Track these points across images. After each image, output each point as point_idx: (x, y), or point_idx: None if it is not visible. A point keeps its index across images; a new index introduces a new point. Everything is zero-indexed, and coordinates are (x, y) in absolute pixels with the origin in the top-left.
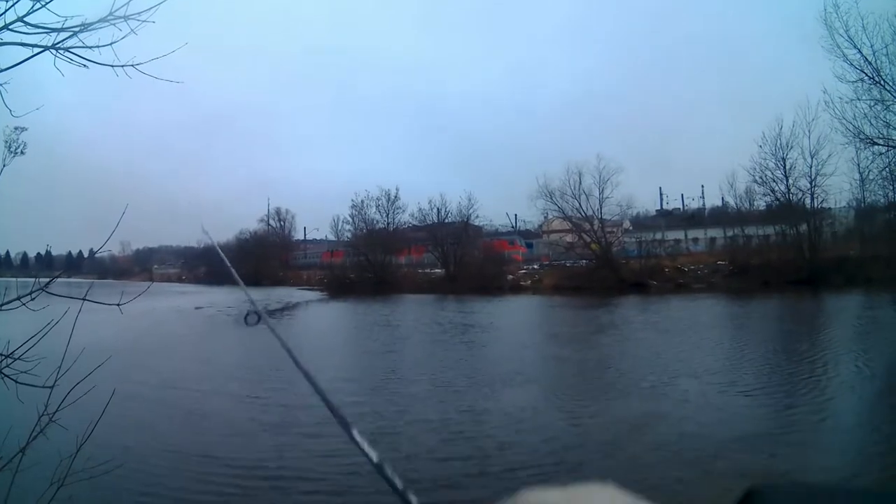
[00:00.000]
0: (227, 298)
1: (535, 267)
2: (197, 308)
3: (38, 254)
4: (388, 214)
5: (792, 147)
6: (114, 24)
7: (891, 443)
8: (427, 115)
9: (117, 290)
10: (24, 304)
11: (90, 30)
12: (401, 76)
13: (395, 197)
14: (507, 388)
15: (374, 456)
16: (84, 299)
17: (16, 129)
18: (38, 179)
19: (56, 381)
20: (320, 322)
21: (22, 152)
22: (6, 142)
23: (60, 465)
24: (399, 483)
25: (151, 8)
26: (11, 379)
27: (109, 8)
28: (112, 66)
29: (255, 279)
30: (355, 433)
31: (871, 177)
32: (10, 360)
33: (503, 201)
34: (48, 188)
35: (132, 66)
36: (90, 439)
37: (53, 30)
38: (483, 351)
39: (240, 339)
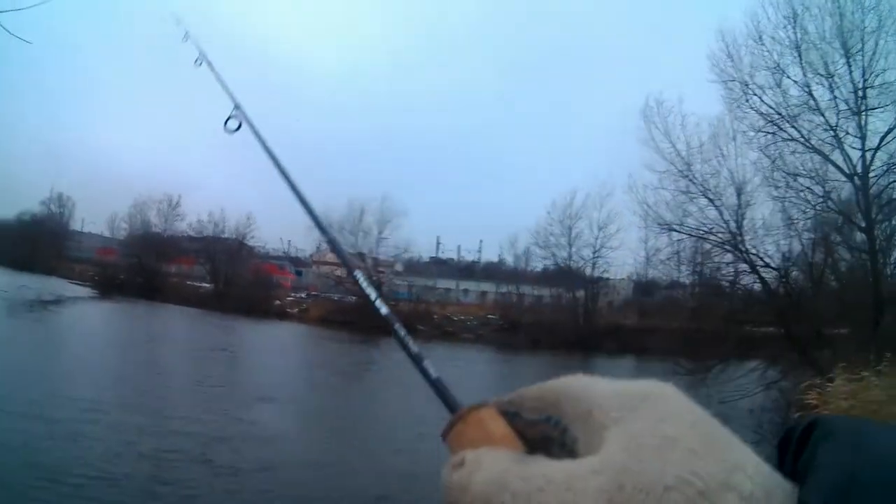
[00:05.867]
0: None
1: (303, 296)
2: None
3: None
4: (166, 220)
5: (581, 217)
6: None
7: None
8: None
9: None
10: None
11: None
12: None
13: (177, 203)
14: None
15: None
16: None
17: None
18: None
19: None
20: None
21: None
22: None
23: None
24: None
25: None
26: None
27: None
28: None
29: (28, 264)
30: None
31: (659, 257)
32: None
33: (280, 224)
34: None
35: None
36: None
37: None
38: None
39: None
